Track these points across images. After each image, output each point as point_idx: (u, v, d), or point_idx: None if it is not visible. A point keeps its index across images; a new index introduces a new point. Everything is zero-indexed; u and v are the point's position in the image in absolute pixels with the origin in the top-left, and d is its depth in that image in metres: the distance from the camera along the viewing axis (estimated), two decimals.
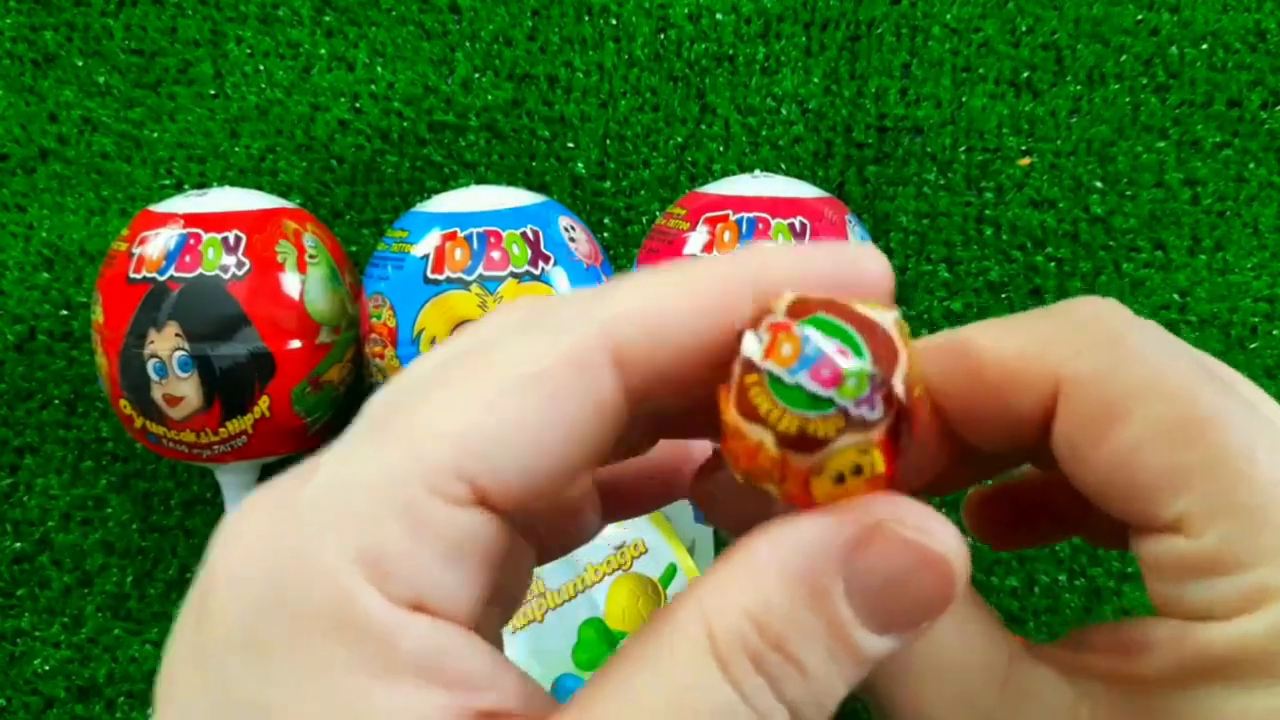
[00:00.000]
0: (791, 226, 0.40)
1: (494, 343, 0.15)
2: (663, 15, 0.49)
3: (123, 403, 0.41)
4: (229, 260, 0.40)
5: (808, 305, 0.14)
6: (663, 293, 0.15)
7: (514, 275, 0.39)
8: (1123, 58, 0.48)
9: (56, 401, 0.49)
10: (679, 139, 0.49)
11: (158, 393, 0.40)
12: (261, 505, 0.15)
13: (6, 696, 0.48)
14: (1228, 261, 0.47)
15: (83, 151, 0.50)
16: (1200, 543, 0.15)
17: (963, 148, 0.48)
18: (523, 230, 0.40)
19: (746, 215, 0.40)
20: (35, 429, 0.49)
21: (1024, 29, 0.48)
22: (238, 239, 0.40)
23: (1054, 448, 0.16)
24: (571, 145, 0.49)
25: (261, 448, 0.42)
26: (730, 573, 0.14)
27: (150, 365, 0.40)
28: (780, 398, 0.14)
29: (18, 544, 0.49)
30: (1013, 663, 0.17)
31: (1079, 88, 0.48)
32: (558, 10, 0.49)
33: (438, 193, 0.43)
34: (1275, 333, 0.47)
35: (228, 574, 0.14)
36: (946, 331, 0.18)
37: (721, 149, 0.49)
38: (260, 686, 0.13)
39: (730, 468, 0.15)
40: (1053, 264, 0.48)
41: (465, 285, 0.39)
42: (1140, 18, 0.48)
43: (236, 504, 0.44)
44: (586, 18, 0.49)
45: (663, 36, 0.49)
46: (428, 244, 0.40)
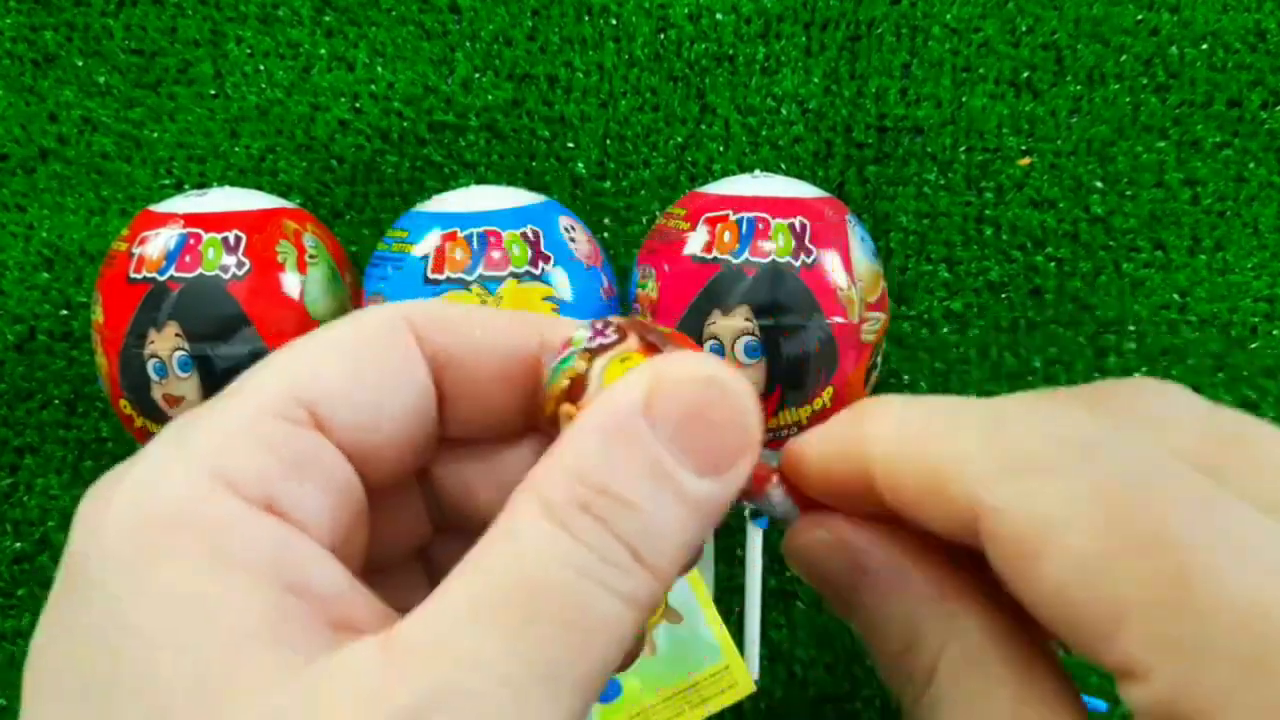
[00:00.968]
0: (791, 226, 0.40)
1: (320, 327, 0.18)
2: (663, 15, 0.49)
3: (123, 403, 0.41)
4: (229, 260, 0.40)
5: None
6: (462, 306, 0.18)
7: (514, 275, 0.39)
8: (1123, 58, 0.48)
9: (56, 401, 0.49)
10: (679, 139, 0.49)
11: (158, 393, 0.40)
12: (125, 463, 0.16)
13: (6, 697, 0.48)
14: (1228, 261, 0.47)
15: (83, 151, 0.50)
16: (1154, 688, 0.13)
17: (963, 148, 0.48)
18: (523, 230, 0.40)
19: (746, 215, 0.40)
20: (35, 429, 0.49)
21: (1024, 29, 0.48)
22: (238, 239, 0.40)
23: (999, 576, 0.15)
24: (571, 145, 0.49)
25: None
26: (551, 450, 0.15)
27: (150, 365, 0.40)
28: (552, 374, 0.18)
29: (18, 544, 0.49)
30: None
31: (1079, 88, 0.48)
32: (558, 10, 0.49)
33: (438, 193, 0.43)
34: (1275, 333, 0.47)
35: (91, 506, 0.15)
36: (863, 416, 0.17)
37: (721, 149, 0.49)
38: (125, 594, 0.14)
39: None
40: (1053, 264, 0.48)
41: (465, 285, 0.39)
42: (1140, 18, 0.48)
43: None
44: (586, 18, 0.49)
45: (663, 36, 0.49)
46: (428, 244, 0.40)
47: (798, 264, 0.39)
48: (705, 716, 0.41)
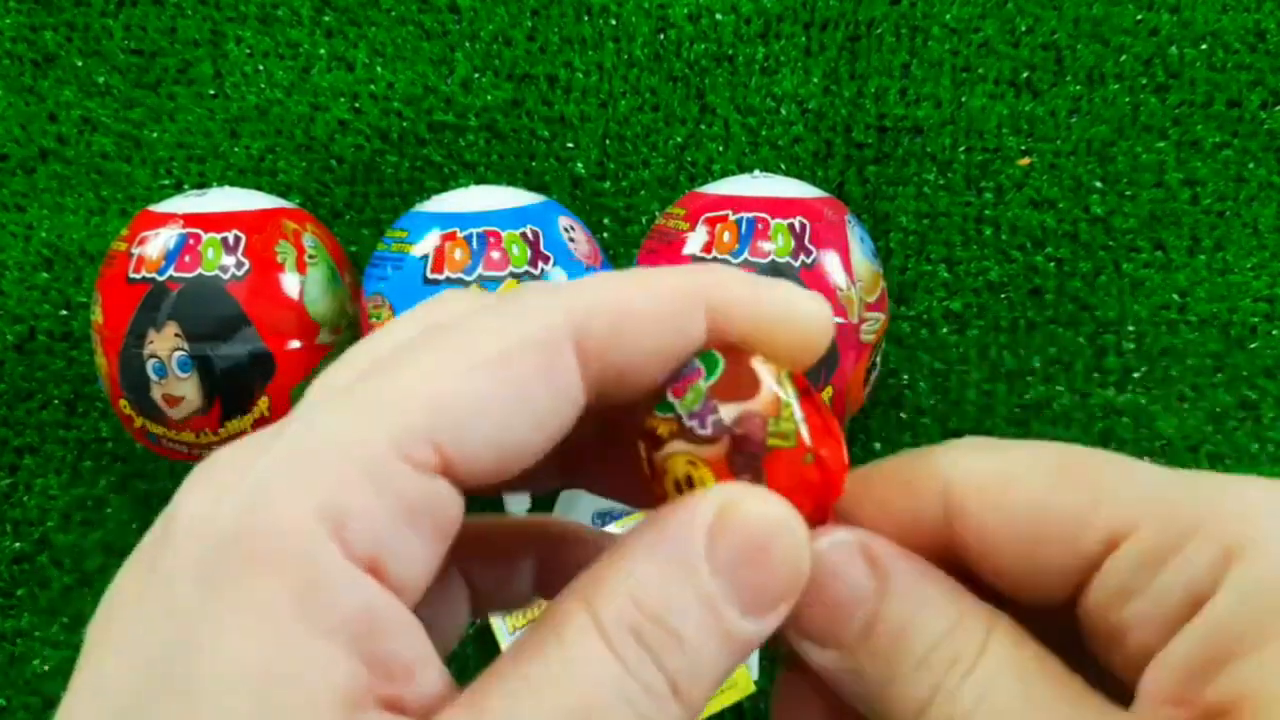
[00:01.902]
0: (791, 226, 0.39)
1: (462, 322, 0.16)
2: (663, 15, 0.49)
3: (122, 403, 0.41)
4: (229, 260, 0.40)
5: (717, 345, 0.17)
6: (627, 293, 0.16)
7: (513, 275, 0.39)
8: (1123, 58, 0.48)
9: (56, 401, 0.49)
10: (679, 139, 0.49)
11: (157, 393, 0.40)
12: (227, 458, 0.15)
13: (6, 696, 0.48)
14: (1227, 261, 0.47)
15: (83, 151, 0.50)
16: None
17: (963, 148, 0.48)
18: (522, 230, 0.40)
19: (746, 215, 0.40)
20: (35, 429, 0.49)
21: (1024, 29, 0.48)
22: (237, 239, 0.40)
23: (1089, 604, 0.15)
24: (571, 145, 0.49)
25: None
26: (607, 562, 0.15)
27: (150, 365, 0.40)
28: (656, 408, 0.16)
29: (18, 544, 0.49)
30: None
31: (1079, 88, 0.48)
32: (558, 10, 0.49)
33: (437, 193, 0.43)
34: (1275, 333, 0.47)
35: (190, 513, 0.15)
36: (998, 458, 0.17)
37: (721, 149, 0.49)
38: (203, 612, 0.14)
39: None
40: (1053, 264, 0.48)
41: (465, 285, 0.39)
42: (1140, 18, 0.48)
43: None
44: (586, 18, 0.49)
45: (662, 36, 0.49)
46: (427, 244, 0.40)
47: (797, 264, 0.39)
48: (705, 716, 0.41)
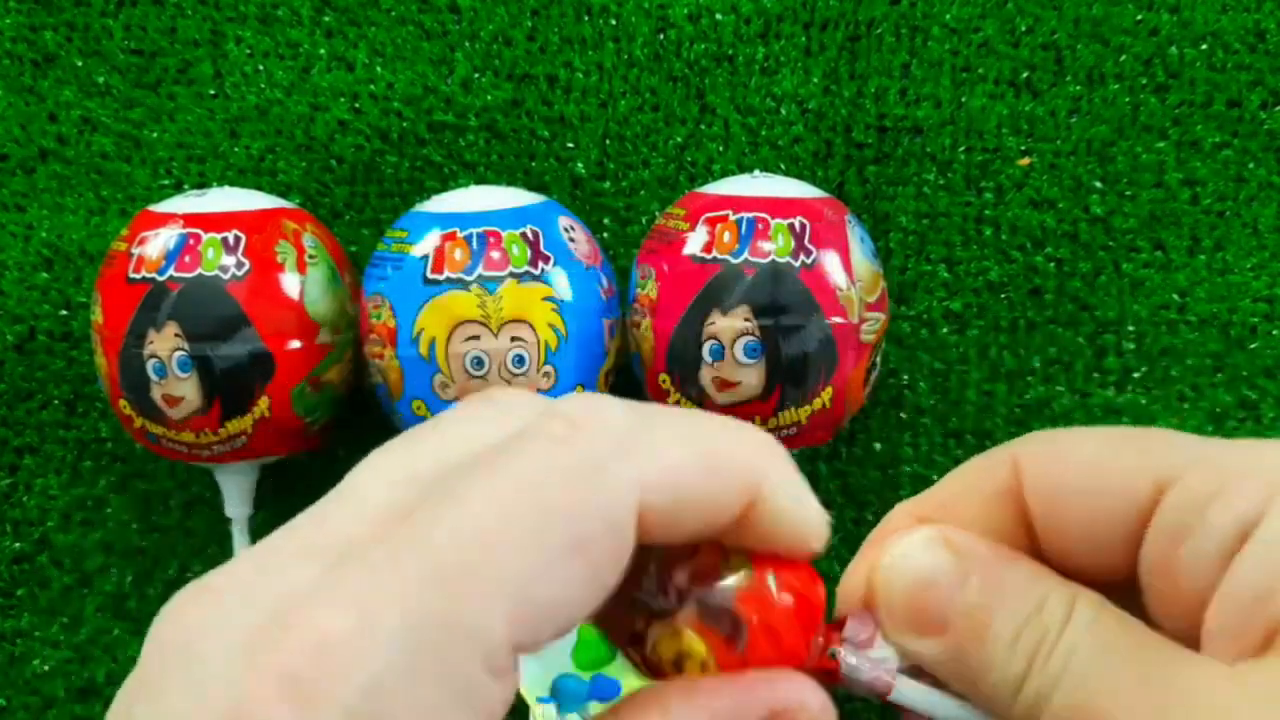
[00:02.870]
0: (791, 227, 0.40)
1: (533, 489, 0.14)
2: (663, 15, 0.49)
3: (122, 403, 0.41)
4: (229, 260, 0.40)
5: None
6: (688, 460, 0.16)
7: (513, 275, 0.39)
8: (1123, 58, 0.48)
9: (56, 401, 0.49)
10: (679, 139, 0.49)
11: (157, 393, 0.40)
12: (220, 585, 0.14)
13: (6, 696, 0.48)
14: (1227, 261, 0.47)
15: (82, 151, 0.50)
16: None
17: (962, 148, 0.48)
18: (522, 230, 0.40)
19: (746, 215, 0.40)
20: (35, 429, 0.49)
21: (1024, 29, 0.48)
22: (237, 239, 0.40)
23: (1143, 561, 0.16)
24: (571, 145, 0.49)
25: (261, 448, 0.42)
26: None
27: (150, 365, 0.40)
28: (628, 611, 0.17)
29: (17, 544, 0.49)
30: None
31: (1079, 88, 0.48)
32: (558, 10, 0.49)
33: (437, 193, 0.43)
34: (1275, 333, 0.47)
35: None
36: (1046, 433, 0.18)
37: (721, 149, 0.49)
38: None
39: None
40: (1052, 264, 0.48)
41: (465, 285, 0.39)
42: (1140, 18, 0.48)
43: (236, 504, 0.44)
44: (586, 18, 0.49)
45: (662, 36, 0.49)
46: (427, 244, 0.40)
47: (797, 264, 0.39)
48: None
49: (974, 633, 0.17)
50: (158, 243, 0.40)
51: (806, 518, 0.17)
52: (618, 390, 0.41)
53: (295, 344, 0.41)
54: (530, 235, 0.40)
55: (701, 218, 0.40)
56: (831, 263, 0.39)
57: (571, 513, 0.14)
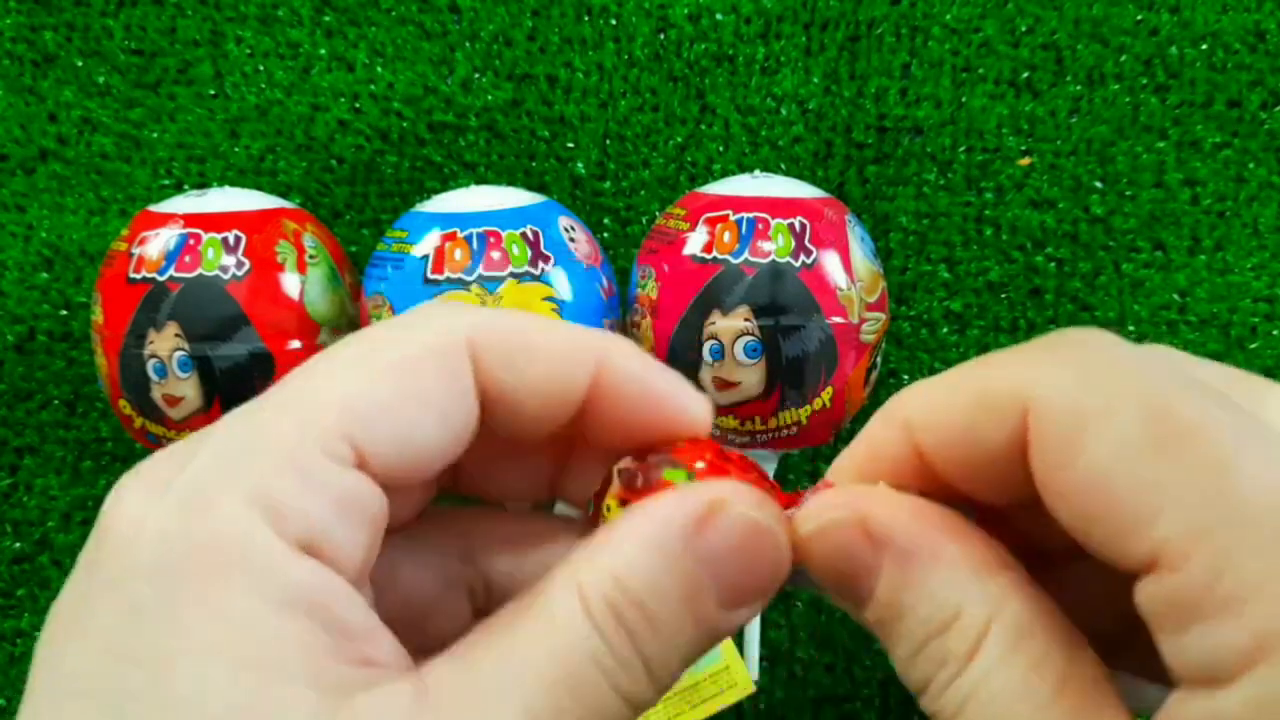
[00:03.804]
0: (791, 226, 0.40)
1: (371, 333, 0.17)
2: (663, 15, 0.49)
3: (122, 403, 0.41)
4: (229, 260, 0.40)
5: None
6: (527, 326, 0.18)
7: (514, 275, 0.39)
8: (1123, 58, 0.48)
9: (56, 401, 0.49)
10: (679, 139, 0.49)
11: (157, 393, 0.40)
12: (151, 466, 0.16)
13: (6, 697, 0.48)
14: (1227, 261, 0.47)
15: (83, 151, 0.50)
16: (1185, 576, 0.13)
17: (963, 148, 0.48)
18: (522, 230, 0.40)
19: (746, 215, 0.40)
20: (35, 429, 0.49)
21: (1024, 29, 0.48)
22: (237, 239, 0.40)
23: (1035, 483, 0.15)
24: (571, 145, 0.49)
25: None
26: (598, 542, 0.16)
27: (150, 365, 0.40)
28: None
29: (18, 544, 0.49)
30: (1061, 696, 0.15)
31: (1079, 88, 0.48)
32: (558, 10, 0.49)
33: (437, 193, 0.43)
34: (1275, 333, 0.47)
35: (129, 517, 0.15)
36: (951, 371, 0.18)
37: (721, 149, 0.49)
38: (165, 607, 0.14)
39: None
40: (1053, 264, 0.48)
41: (465, 285, 0.39)
42: (1140, 18, 0.48)
43: None
44: (586, 18, 0.49)
45: (663, 36, 0.49)
46: (427, 244, 0.40)
47: (797, 264, 0.39)
48: (705, 717, 0.41)
49: (887, 623, 0.17)
50: (158, 243, 0.40)
51: (660, 380, 0.18)
52: None
53: (295, 344, 0.41)
54: (530, 235, 0.40)
55: (702, 218, 0.40)
56: (831, 263, 0.39)
57: (396, 340, 0.17)
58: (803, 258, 0.39)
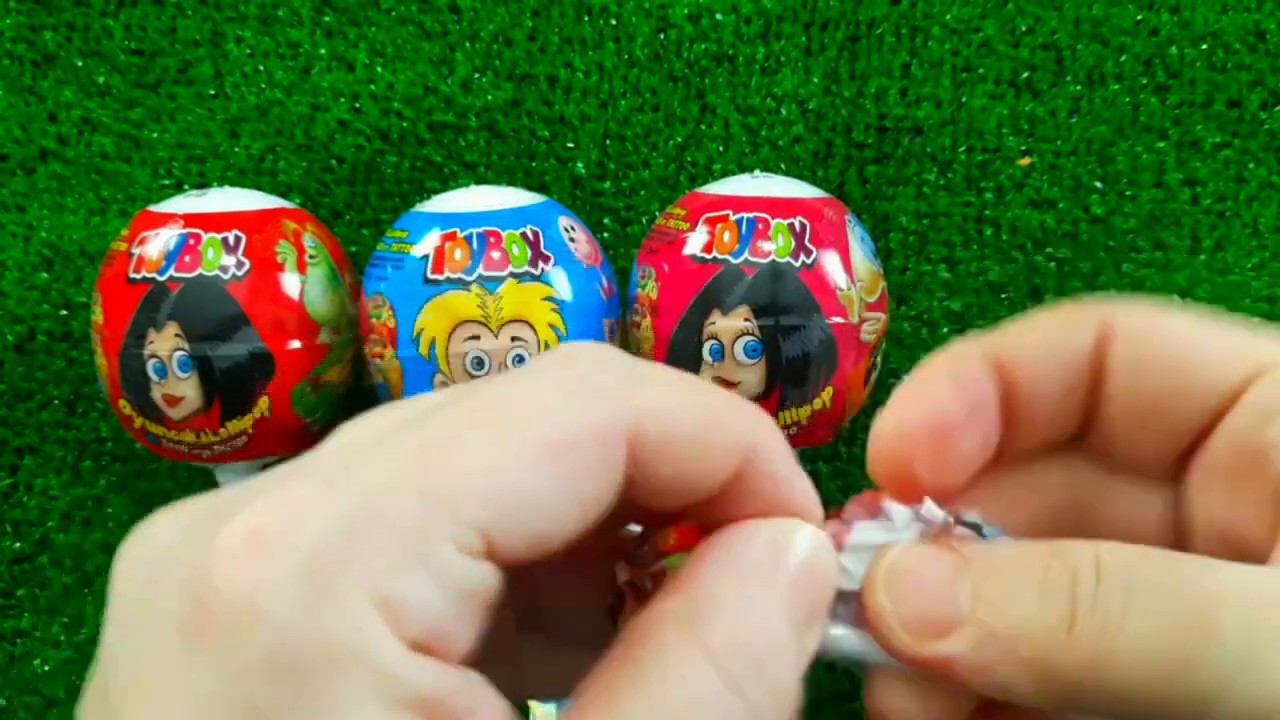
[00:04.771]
0: (791, 227, 0.40)
1: (528, 396, 0.15)
2: (663, 15, 0.49)
3: (122, 403, 0.41)
4: (229, 260, 0.40)
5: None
6: (686, 402, 0.16)
7: (514, 275, 0.39)
8: (1123, 58, 0.48)
9: (56, 401, 0.49)
10: (679, 139, 0.49)
11: (157, 393, 0.40)
12: (260, 510, 0.15)
13: (6, 697, 0.48)
14: (1228, 261, 0.47)
15: (82, 151, 0.50)
16: None
17: (963, 148, 0.48)
18: (522, 230, 0.40)
19: (746, 215, 0.40)
20: (35, 429, 0.49)
21: (1024, 29, 0.48)
22: (237, 239, 0.40)
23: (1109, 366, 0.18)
24: (571, 145, 0.49)
25: (261, 448, 0.42)
26: (699, 591, 0.16)
27: (150, 365, 0.40)
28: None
29: (18, 544, 0.49)
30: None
31: (1079, 88, 0.48)
32: (558, 10, 0.49)
33: (437, 193, 0.43)
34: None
35: (242, 589, 0.14)
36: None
37: (721, 149, 0.49)
38: (291, 711, 0.14)
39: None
40: (1053, 264, 0.48)
41: (465, 285, 0.39)
42: (1140, 18, 0.48)
43: None
44: (586, 18, 0.49)
45: (663, 36, 0.49)
46: (427, 244, 0.40)
47: (798, 264, 0.39)
48: None
49: (1000, 606, 0.17)
50: (158, 243, 0.40)
51: (798, 489, 0.17)
52: None
53: (295, 344, 0.41)
54: (530, 235, 0.40)
55: (702, 218, 0.40)
56: (831, 263, 0.39)
57: (558, 417, 0.15)
58: (803, 258, 0.39)
